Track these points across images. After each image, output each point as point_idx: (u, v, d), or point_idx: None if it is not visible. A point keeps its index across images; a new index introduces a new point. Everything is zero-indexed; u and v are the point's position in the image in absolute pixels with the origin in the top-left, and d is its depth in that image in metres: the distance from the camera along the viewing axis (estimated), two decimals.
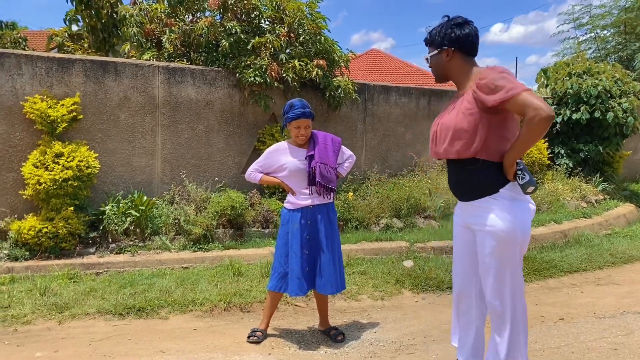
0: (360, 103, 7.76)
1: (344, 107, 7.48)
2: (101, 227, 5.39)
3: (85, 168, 5.20)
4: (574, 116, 8.91)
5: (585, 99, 8.87)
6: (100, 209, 5.50)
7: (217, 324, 3.89)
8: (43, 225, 4.99)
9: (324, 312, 3.75)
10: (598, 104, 8.77)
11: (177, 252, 5.36)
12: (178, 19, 7.14)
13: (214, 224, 5.68)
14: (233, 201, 5.75)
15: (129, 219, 5.42)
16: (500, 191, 2.49)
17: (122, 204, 5.52)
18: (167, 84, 6.15)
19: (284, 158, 3.55)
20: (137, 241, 5.46)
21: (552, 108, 2.40)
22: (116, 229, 5.36)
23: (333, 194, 3.56)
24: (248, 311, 4.14)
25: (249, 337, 3.56)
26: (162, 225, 5.63)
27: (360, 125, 7.89)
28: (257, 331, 3.59)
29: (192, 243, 5.51)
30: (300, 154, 3.53)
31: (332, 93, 7.02)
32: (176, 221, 5.64)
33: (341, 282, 3.59)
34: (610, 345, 3.52)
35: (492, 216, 2.48)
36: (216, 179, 6.54)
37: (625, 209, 8.37)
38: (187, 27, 6.85)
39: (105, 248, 5.31)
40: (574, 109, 9.01)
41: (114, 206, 5.47)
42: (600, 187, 9.01)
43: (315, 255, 3.52)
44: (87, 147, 5.48)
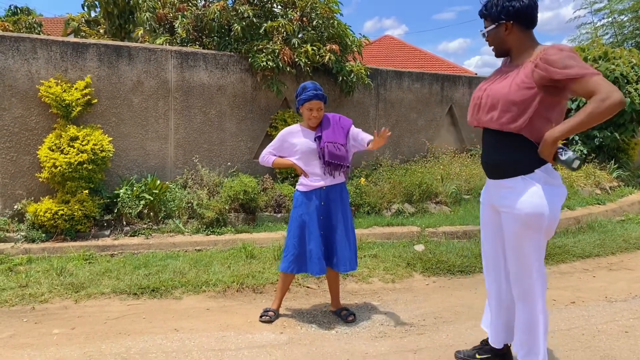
0: (373, 88, 7.74)
1: (356, 93, 7.46)
2: (115, 210, 5.46)
3: (100, 152, 5.27)
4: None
5: None
6: (115, 193, 5.57)
7: (229, 304, 3.94)
8: (59, 208, 5.07)
9: (335, 293, 3.78)
10: None
11: (191, 235, 5.42)
12: (190, 4, 7.15)
13: (226, 208, 5.73)
14: (245, 186, 5.79)
15: (142, 202, 5.49)
16: (536, 172, 2.43)
17: (135, 187, 5.58)
18: (179, 69, 6.18)
19: (296, 140, 3.57)
20: (150, 224, 5.53)
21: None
22: (130, 212, 5.43)
23: (346, 171, 3.56)
24: (260, 292, 4.19)
25: (261, 317, 3.61)
26: (175, 208, 5.69)
27: (373, 111, 7.87)
28: (269, 311, 3.64)
29: (205, 227, 5.56)
30: (311, 135, 3.55)
31: (344, 78, 7.01)
32: (189, 205, 5.70)
33: (352, 261, 3.61)
34: (620, 328, 3.52)
35: (520, 199, 2.43)
36: (229, 163, 6.58)
37: None
38: (199, 12, 6.86)
39: (119, 231, 5.39)
40: None
41: (127, 189, 5.54)
42: (615, 174, 8.91)
43: (330, 235, 3.55)
44: (102, 131, 5.54)
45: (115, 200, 5.52)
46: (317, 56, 6.60)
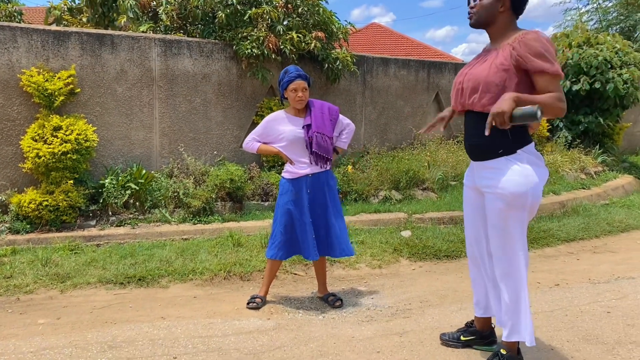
0: (360, 76, 7.72)
1: (343, 80, 7.45)
2: (101, 200, 5.42)
3: (84, 141, 5.21)
4: (574, 87, 8.86)
5: (585, 70, 8.82)
6: (100, 183, 5.52)
7: (217, 292, 3.95)
8: (43, 199, 5.02)
9: (322, 279, 3.80)
10: (598, 75, 8.72)
11: (177, 225, 5.40)
12: None
13: (213, 197, 5.70)
14: (232, 174, 5.77)
15: (128, 192, 5.45)
16: (518, 152, 2.48)
17: (121, 177, 5.54)
18: (163, 57, 6.11)
19: (281, 127, 3.55)
20: (137, 214, 5.50)
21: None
22: (116, 202, 5.39)
23: (329, 162, 3.58)
24: (248, 280, 4.19)
25: (248, 304, 3.62)
26: (161, 198, 5.66)
27: (360, 99, 7.86)
28: (256, 297, 3.65)
29: (192, 216, 5.54)
30: (298, 122, 3.54)
31: (330, 65, 6.98)
32: (175, 194, 5.67)
33: (346, 247, 3.62)
34: (603, 309, 3.57)
35: (504, 179, 2.47)
36: (215, 152, 6.55)
37: (624, 180, 8.39)
38: None
39: (105, 221, 5.35)
40: (574, 80, 8.95)
41: (113, 179, 5.50)
42: (600, 159, 9.01)
43: (318, 221, 3.56)
44: (85, 121, 5.48)
45: (100, 191, 5.47)
46: (303, 43, 6.57)
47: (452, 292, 3.93)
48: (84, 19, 8.10)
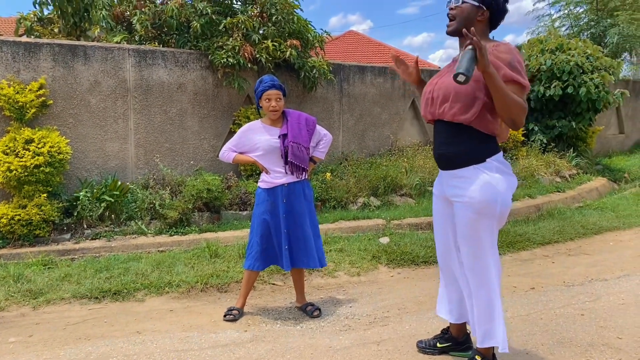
0: (336, 84, 7.76)
1: (319, 88, 7.47)
2: (75, 214, 5.33)
3: (57, 154, 5.13)
4: (548, 92, 9.01)
5: (558, 75, 8.98)
6: (74, 195, 5.44)
7: (193, 304, 3.90)
8: (15, 213, 4.92)
9: (300, 289, 3.79)
10: (571, 80, 8.88)
11: (154, 237, 5.34)
12: (148, 1, 7.02)
13: (190, 207, 5.66)
14: (209, 184, 5.74)
15: (103, 204, 5.38)
16: (487, 161, 2.51)
17: (96, 189, 5.47)
18: (138, 67, 6.06)
19: (257, 137, 3.55)
20: (112, 226, 5.43)
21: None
22: (91, 214, 5.32)
23: (305, 173, 3.58)
24: (225, 291, 4.16)
25: (225, 316, 3.58)
26: (137, 210, 5.59)
27: (337, 106, 7.89)
28: (233, 310, 3.62)
29: (169, 227, 5.49)
30: (274, 132, 3.54)
31: (307, 74, 7.00)
32: (151, 206, 5.61)
33: (321, 257, 3.63)
34: (577, 311, 3.62)
35: (473, 187, 2.49)
36: (192, 162, 6.51)
37: (598, 182, 8.55)
38: (157, 9, 6.75)
39: (80, 234, 5.27)
40: (547, 85, 9.11)
41: (87, 192, 5.42)
42: (574, 162, 9.17)
43: (294, 231, 3.55)
44: (58, 133, 5.40)
45: (75, 203, 5.39)
46: (279, 52, 6.58)
47: (429, 299, 3.94)
48: (55, 30, 7.97)
